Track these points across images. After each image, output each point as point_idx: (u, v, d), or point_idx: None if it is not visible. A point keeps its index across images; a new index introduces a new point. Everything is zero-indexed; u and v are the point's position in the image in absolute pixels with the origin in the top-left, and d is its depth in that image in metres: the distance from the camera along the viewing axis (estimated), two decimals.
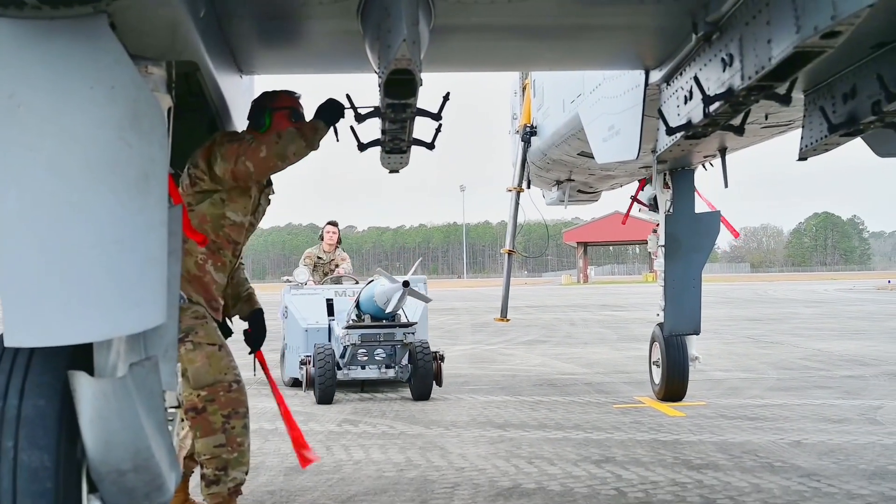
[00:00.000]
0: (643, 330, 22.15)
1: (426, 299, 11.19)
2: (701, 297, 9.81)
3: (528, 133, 10.20)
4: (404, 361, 11.19)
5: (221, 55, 5.08)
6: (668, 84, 5.61)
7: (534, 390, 11.81)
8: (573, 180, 10.79)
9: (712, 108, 4.84)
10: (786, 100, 4.67)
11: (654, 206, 10.57)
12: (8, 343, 3.10)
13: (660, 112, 5.61)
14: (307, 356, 11.46)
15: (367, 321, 11.32)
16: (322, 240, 14.41)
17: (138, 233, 3.38)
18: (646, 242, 11.41)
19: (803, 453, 7.43)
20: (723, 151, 8.54)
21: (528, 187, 11.07)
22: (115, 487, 3.50)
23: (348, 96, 4.83)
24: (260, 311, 5.77)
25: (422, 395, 10.95)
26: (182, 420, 4.85)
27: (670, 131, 5.36)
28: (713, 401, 10.50)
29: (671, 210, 9.95)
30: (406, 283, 10.28)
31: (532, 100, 10.30)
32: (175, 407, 4.24)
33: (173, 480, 3.75)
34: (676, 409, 9.83)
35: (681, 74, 5.37)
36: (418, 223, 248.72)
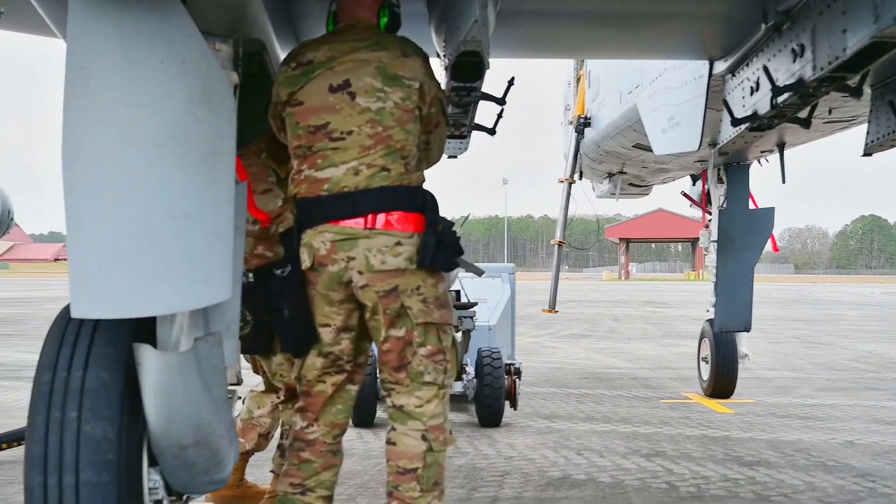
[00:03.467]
0: (687, 327, 22.06)
1: (477, 271, 8.38)
2: (752, 294, 9.72)
3: (582, 124, 10.15)
4: (469, 370, 8.49)
5: (286, 35, 5.09)
6: (734, 74, 5.55)
7: (580, 383, 11.76)
8: (625, 173, 10.72)
9: (780, 99, 4.77)
10: (857, 92, 4.60)
11: (696, 203, 10.48)
12: (74, 314, 3.08)
13: (725, 103, 5.54)
14: None
15: None
16: None
17: (205, 207, 3.37)
18: (688, 240, 11.27)
19: (857, 453, 7.33)
20: (781, 146, 8.44)
21: (581, 178, 11.01)
22: (176, 462, 3.51)
23: None
24: None
25: (490, 419, 8.39)
26: (241, 399, 4.87)
27: (735, 122, 5.29)
28: (762, 399, 10.41)
29: (725, 205, 9.86)
30: None
31: (587, 91, 10.24)
32: (235, 384, 4.24)
33: (232, 457, 3.76)
34: (725, 406, 9.74)
35: (747, 65, 5.30)
36: (460, 216, 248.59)
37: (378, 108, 3.93)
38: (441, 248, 3.87)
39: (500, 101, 4.81)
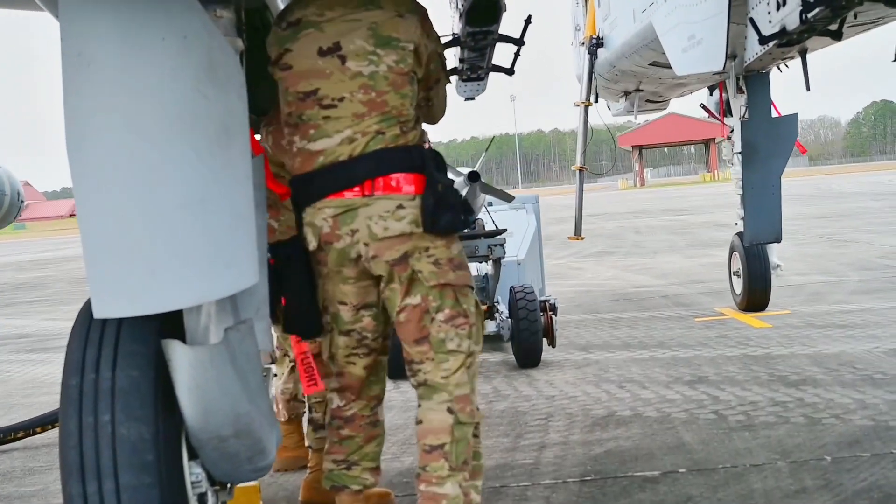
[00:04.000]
0: (711, 234, 21.87)
1: (507, 197, 8.34)
2: (781, 203, 9.51)
3: (595, 45, 9.86)
4: (502, 308, 8.30)
5: None
6: None
7: (611, 306, 11.63)
8: (642, 90, 10.46)
9: (811, 13, 4.53)
10: (892, 2, 4.35)
11: (714, 115, 10.22)
12: (97, 314, 2.94)
13: (751, 21, 5.30)
14: None
15: None
16: None
17: (224, 190, 3.21)
18: (701, 142, 10.90)
19: None
20: (803, 53, 8.16)
21: (597, 101, 10.75)
22: (217, 454, 3.40)
23: None
24: None
25: (528, 359, 8.09)
26: (275, 375, 4.75)
27: (764, 40, 5.06)
28: (797, 308, 10.25)
29: (746, 115, 9.60)
30: (474, 176, 7.27)
31: (596, 10, 9.93)
32: (270, 363, 4.11)
33: (273, 441, 3.65)
34: (761, 321, 9.60)
35: None
36: (470, 136, 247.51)
37: (371, 72, 3.70)
38: (442, 207, 3.64)
39: (519, 42, 4.59)
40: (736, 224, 10.29)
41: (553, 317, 8.17)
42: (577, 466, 5.23)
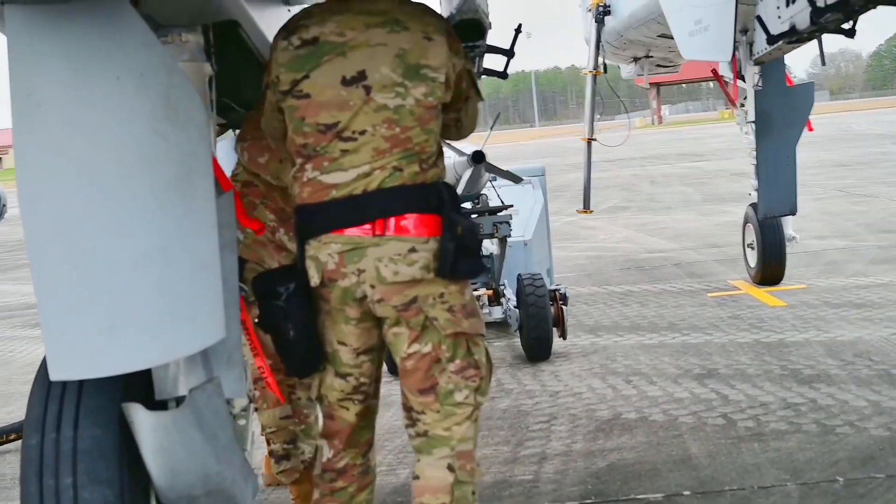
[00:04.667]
0: (729, 187, 21.54)
1: (514, 178, 7.82)
2: (796, 174, 9.20)
3: (602, 13, 9.49)
4: (509, 294, 7.95)
5: None
6: None
7: (622, 277, 11.38)
8: (652, 56, 10.10)
9: (822, 17, 4.23)
10: None
11: (723, 87, 9.85)
12: (52, 377, 2.76)
13: (758, 20, 4.98)
14: None
15: None
16: None
17: (186, 239, 2.98)
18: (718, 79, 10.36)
19: None
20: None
21: (605, 71, 10.39)
22: None
23: None
24: None
25: (538, 352, 7.65)
26: (256, 408, 4.52)
27: (771, 40, 4.76)
28: (814, 282, 9.96)
29: (760, 84, 9.25)
30: (478, 156, 6.80)
31: None
32: (245, 407, 3.91)
33: (249, 492, 3.46)
34: (776, 297, 9.33)
35: None
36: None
37: (396, 105, 3.36)
38: (462, 253, 3.36)
39: (509, 53, 4.30)
40: (749, 195, 9.98)
41: (563, 307, 7.72)
42: (578, 485, 5.02)
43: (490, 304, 7.90)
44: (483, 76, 4.82)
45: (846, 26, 4.71)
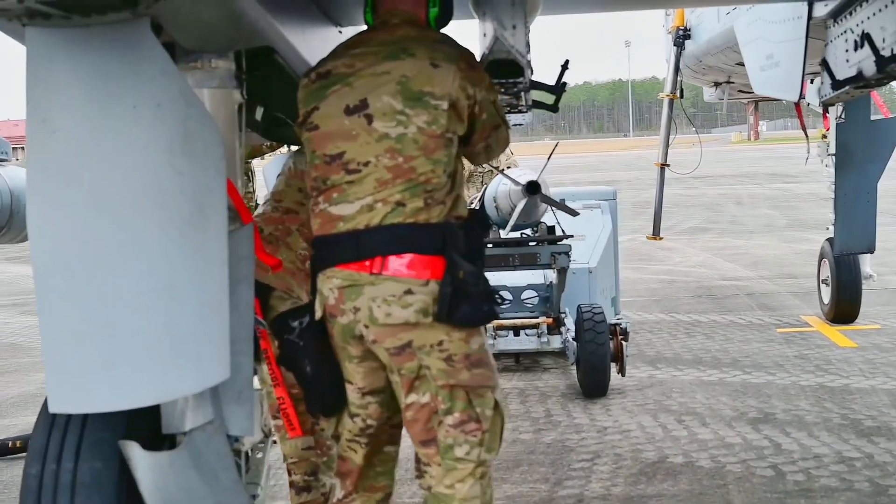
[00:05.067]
0: (815, 212, 20.96)
1: (571, 211, 7.17)
2: (876, 212, 8.86)
3: (682, 36, 9.26)
4: (569, 323, 7.60)
5: (306, 21, 4.45)
6: (837, 22, 4.74)
7: (692, 305, 11.12)
8: (733, 82, 9.84)
9: (890, 66, 4.02)
10: None
11: (801, 119, 9.53)
12: (51, 409, 2.70)
13: (824, 63, 4.77)
14: None
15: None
16: None
17: (194, 276, 2.92)
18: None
19: None
20: None
21: (682, 96, 10.13)
22: None
23: None
24: None
25: (594, 389, 7.29)
26: (275, 441, 4.44)
27: (836, 85, 4.55)
28: (889, 323, 9.61)
29: (843, 116, 8.95)
30: (533, 187, 6.39)
31: None
32: (264, 438, 3.82)
33: None
34: (847, 337, 9.00)
35: (851, 14, 4.50)
36: (582, 81, 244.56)
37: (398, 134, 3.26)
38: (460, 298, 3.19)
39: (554, 90, 4.15)
40: (828, 229, 9.66)
41: (623, 342, 7.34)
42: None
43: (549, 332, 7.72)
44: (533, 108, 4.70)
45: None
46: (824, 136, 9.62)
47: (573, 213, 6.35)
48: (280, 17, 3.81)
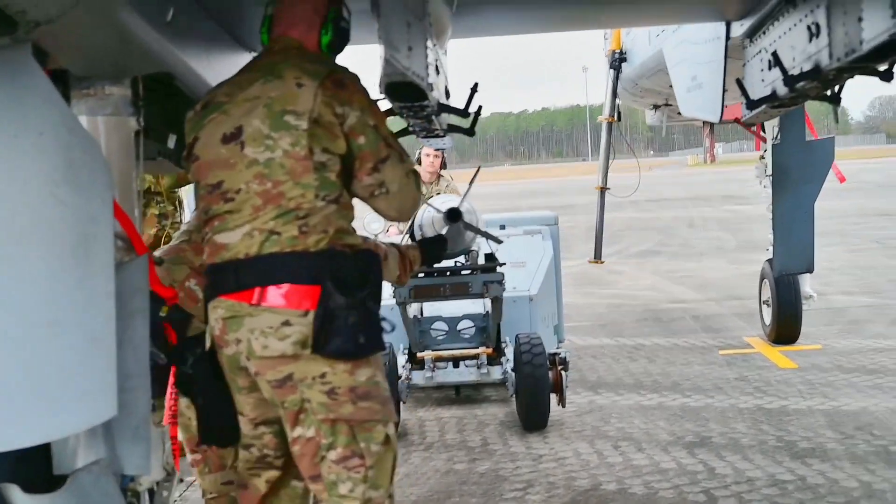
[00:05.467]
0: (765, 233, 20.95)
1: (495, 239, 6.33)
2: (814, 231, 8.87)
3: (618, 60, 9.27)
4: (509, 354, 7.32)
5: (213, 46, 4.35)
6: (752, 42, 4.73)
7: (636, 329, 11.09)
8: (671, 105, 9.86)
9: (798, 84, 4.00)
10: (887, 77, 3.79)
11: (752, 132, 9.59)
12: None
13: (738, 82, 4.75)
14: None
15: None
16: (419, 164, 9.12)
17: (78, 311, 2.84)
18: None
19: None
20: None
21: (619, 119, 10.13)
22: None
23: None
24: None
25: (533, 421, 7.10)
26: (181, 480, 4.34)
27: (751, 105, 4.53)
28: (829, 343, 9.61)
29: (779, 138, 9.00)
30: (453, 214, 5.82)
31: None
32: (166, 478, 3.72)
33: None
34: (788, 358, 8.99)
35: (764, 33, 4.49)
36: (541, 107, 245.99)
37: (266, 159, 3.20)
38: (332, 329, 3.12)
39: (463, 114, 4.10)
40: (767, 250, 9.68)
41: (563, 372, 7.05)
42: None
43: (490, 363, 7.45)
44: (450, 133, 4.65)
45: (882, 68, 4.42)
46: (762, 158, 9.64)
47: (497, 240, 6.18)
48: (181, 42, 3.74)
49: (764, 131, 9.48)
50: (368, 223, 7.27)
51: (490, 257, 6.95)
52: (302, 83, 3.22)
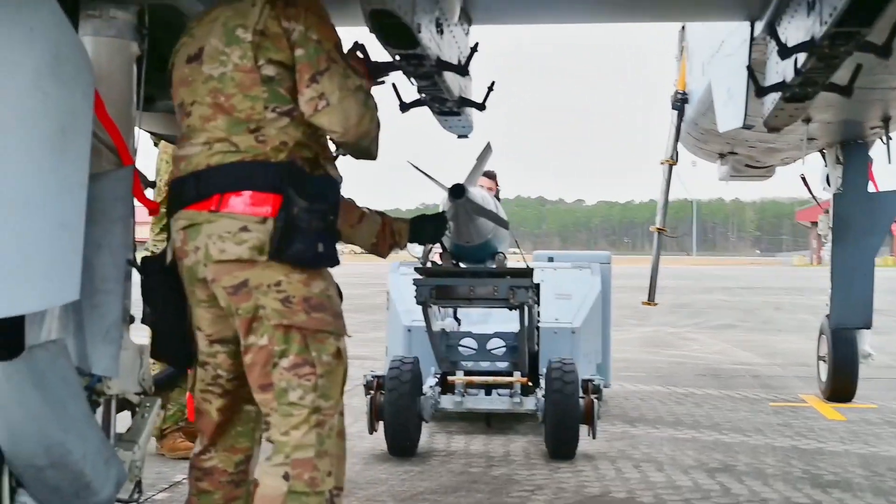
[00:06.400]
0: None
1: (503, 224, 6.27)
2: (873, 286, 8.70)
3: (680, 101, 9.25)
4: (544, 384, 6.82)
5: None
6: (772, 36, 4.72)
7: (691, 381, 10.90)
8: (736, 153, 9.78)
9: (800, 63, 4.00)
10: (885, 51, 3.77)
11: (809, 187, 9.49)
12: None
13: (749, 69, 4.75)
14: (376, 377, 6.84)
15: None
16: None
17: (50, 195, 2.99)
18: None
19: None
20: (886, 121, 7.45)
21: (676, 162, 10.07)
22: (38, 484, 3.20)
23: (362, 47, 3.88)
24: None
25: (560, 449, 6.64)
26: (164, 407, 4.42)
27: (760, 92, 4.52)
28: (886, 404, 9.32)
29: (842, 188, 8.88)
30: (457, 190, 5.64)
31: (686, 63, 9.34)
32: (140, 393, 3.78)
33: (109, 478, 3.32)
34: (839, 412, 8.74)
35: (779, 24, 4.49)
36: (648, 199, 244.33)
37: (220, 73, 3.34)
38: (292, 234, 3.17)
39: (462, 71, 4.18)
40: (826, 304, 9.48)
41: (596, 400, 6.61)
42: None
43: (524, 393, 7.04)
44: (464, 106, 4.74)
45: (843, 81, 4.41)
46: (827, 212, 9.50)
47: (505, 224, 5.94)
48: None
49: (829, 185, 9.34)
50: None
51: (525, 271, 6.69)
52: (254, 2, 3.35)
